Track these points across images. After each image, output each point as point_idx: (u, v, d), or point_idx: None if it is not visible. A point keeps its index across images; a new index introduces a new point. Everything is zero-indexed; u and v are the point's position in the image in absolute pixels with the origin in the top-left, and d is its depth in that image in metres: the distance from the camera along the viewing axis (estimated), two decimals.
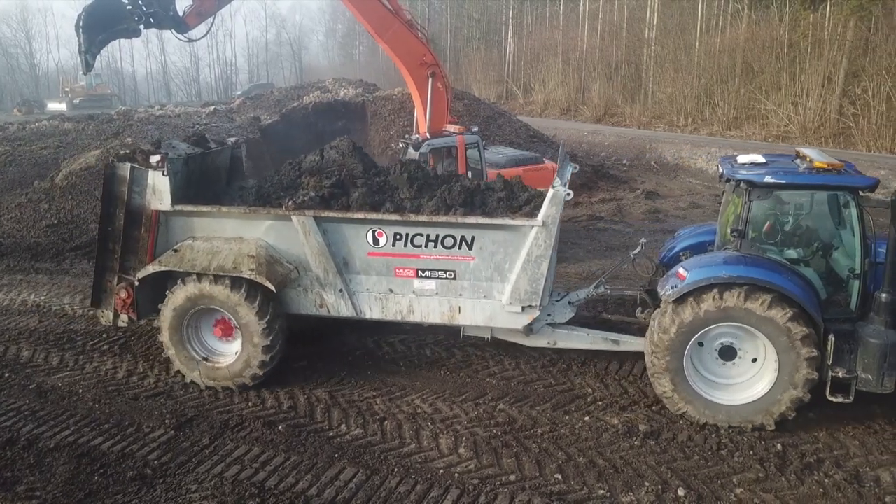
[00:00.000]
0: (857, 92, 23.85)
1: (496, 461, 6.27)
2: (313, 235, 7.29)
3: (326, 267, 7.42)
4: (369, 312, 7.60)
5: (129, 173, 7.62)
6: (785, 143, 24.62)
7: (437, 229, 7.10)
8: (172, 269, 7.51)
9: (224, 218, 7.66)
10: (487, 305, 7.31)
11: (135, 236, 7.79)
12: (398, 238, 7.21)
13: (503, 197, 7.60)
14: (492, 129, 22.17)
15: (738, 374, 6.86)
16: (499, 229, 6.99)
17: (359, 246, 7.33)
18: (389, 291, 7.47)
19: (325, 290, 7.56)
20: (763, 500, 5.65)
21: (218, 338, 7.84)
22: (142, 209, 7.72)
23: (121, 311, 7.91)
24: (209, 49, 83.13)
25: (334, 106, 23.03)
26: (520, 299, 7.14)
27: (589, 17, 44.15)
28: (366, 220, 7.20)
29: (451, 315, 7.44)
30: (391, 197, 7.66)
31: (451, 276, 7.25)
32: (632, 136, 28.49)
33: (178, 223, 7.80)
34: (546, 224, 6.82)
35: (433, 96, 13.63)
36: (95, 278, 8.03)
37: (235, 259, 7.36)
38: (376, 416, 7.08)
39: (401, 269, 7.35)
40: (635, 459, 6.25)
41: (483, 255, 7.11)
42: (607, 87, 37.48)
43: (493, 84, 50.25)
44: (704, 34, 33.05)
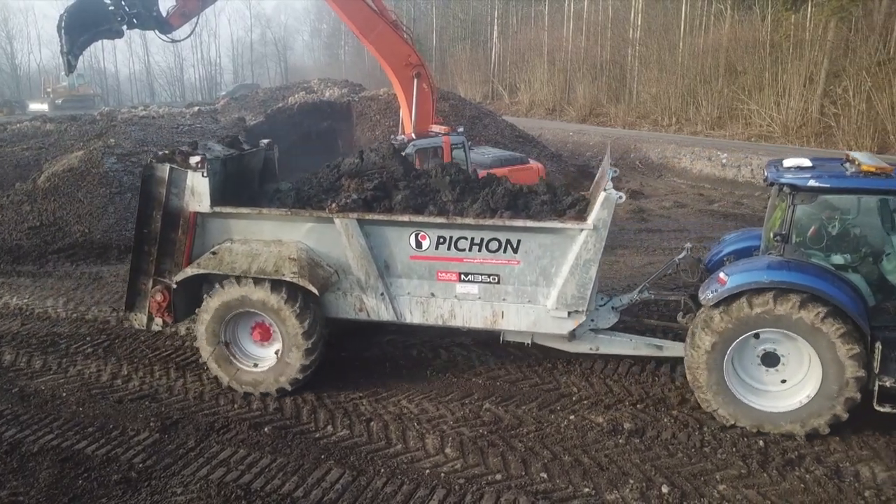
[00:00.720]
0: (837, 92, 24.13)
1: (482, 460, 6.30)
2: (356, 238, 7.18)
3: (368, 270, 7.31)
4: (410, 316, 7.49)
5: (167, 174, 7.48)
6: (767, 143, 24.89)
7: (482, 232, 6.99)
8: (211, 271, 7.38)
9: (262, 220, 7.53)
10: (532, 310, 7.17)
11: (171, 238, 7.64)
12: (441, 241, 7.10)
13: (547, 200, 7.46)
14: (477, 129, 22.22)
15: (780, 381, 6.70)
16: (546, 233, 6.87)
17: (401, 249, 7.23)
18: (431, 295, 7.35)
19: (366, 293, 7.44)
20: (745, 496, 5.72)
21: (256, 342, 7.70)
22: (179, 211, 7.57)
23: (156, 314, 7.77)
24: (193, 49, 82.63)
25: (320, 106, 22.99)
26: (566, 304, 7.00)
27: (574, 18, 44.33)
28: (410, 223, 7.09)
29: (493, 320, 7.31)
30: (433, 200, 7.54)
31: (495, 280, 7.13)
32: (616, 135, 28.65)
33: (214, 225, 7.68)
34: (597, 227, 6.68)
35: (418, 97, 13.67)
36: (130, 281, 7.88)
37: (276, 262, 7.23)
38: (363, 417, 7.09)
39: (443, 273, 7.23)
40: (620, 457, 6.30)
41: (529, 259, 6.98)
42: (592, 87, 37.66)
43: (479, 84, 50.34)
44: (688, 35, 33.30)
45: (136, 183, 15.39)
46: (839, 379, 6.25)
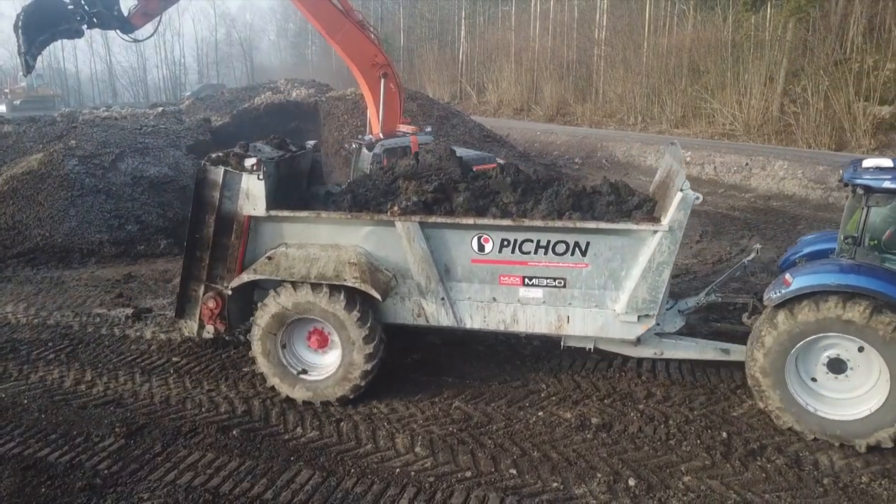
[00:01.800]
0: (797, 91, 24.67)
1: (452, 458, 6.33)
2: (417, 242, 6.99)
3: (429, 274, 7.11)
4: (470, 322, 7.29)
5: (221, 178, 7.27)
6: (730, 141, 25.36)
7: (548, 235, 6.75)
8: (269, 277, 7.19)
9: (318, 224, 7.32)
10: (599, 315, 6.97)
11: (224, 243, 7.43)
12: (505, 244, 6.89)
13: (612, 201, 7.30)
14: (445, 128, 22.27)
15: (846, 389, 6.45)
16: (617, 234, 6.63)
17: (462, 252, 7.03)
18: (493, 300, 7.15)
19: (426, 298, 7.26)
20: (709, 486, 5.85)
21: (313, 350, 7.50)
22: (233, 215, 7.36)
23: (207, 321, 7.60)
24: (157, 49, 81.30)
25: (286, 107, 22.82)
26: (636, 308, 6.78)
27: (540, 18, 44.63)
28: (475, 226, 6.88)
29: (558, 325, 7.11)
30: (494, 201, 7.34)
31: (561, 284, 6.91)
32: (583, 135, 28.94)
33: (268, 230, 7.47)
34: (672, 229, 6.44)
35: (386, 97, 13.67)
36: (181, 287, 7.67)
37: (336, 267, 7.05)
38: (332, 418, 7.08)
39: (506, 277, 7.02)
40: (588, 452, 6.39)
41: (597, 262, 6.76)
42: (559, 86, 37.96)
43: (447, 84, 50.40)
44: (652, 35, 33.77)
45: (99, 185, 15.15)
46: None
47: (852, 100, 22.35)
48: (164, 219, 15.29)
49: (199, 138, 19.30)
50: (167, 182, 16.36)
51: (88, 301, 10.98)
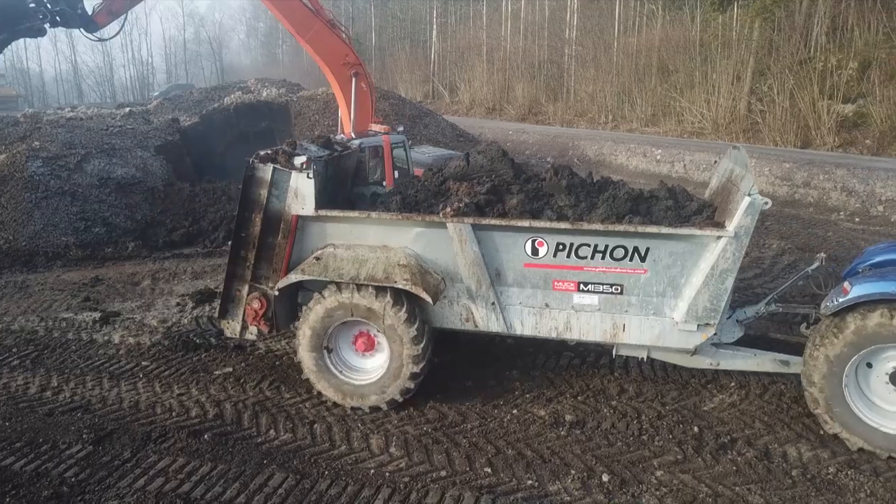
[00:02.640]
0: (763, 89, 25.14)
1: (427, 458, 6.32)
2: (469, 245, 6.78)
3: (480, 278, 6.90)
4: (520, 328, 7.08)
5: (270, 175, 7.09)
6: (699, 139, 25.73)
7: (606, 239, 6.52)
8: (317, 278, 6.99)
9: (367, 224, 7.14)
10: (656, 323, 6.74)
11: (270, 243, 7.25)
12: (561, 248, 6.65)
13: (671, 206, 7.06)
14: (418, 128, 22.26)
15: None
16: (679, 240, 6.41)
17: (515, 256, 6.80)
18: (545, 306, 6.92)
19: (476, 302, 7.05)
20: (681, 480, 5.92)
21: (359, 353, 7.34)
22: (280, 214, 7.18)
23: (251, 322, 7.41)
24: (123, 48, 79.96)
25: (257, 107, 22.59)
26: (696, 317, 6.53)
27: (511, 18, 44.83)
28: (530, 229, 6.65)
29: (613, 333, 6.88)
30: (548, 204, 7.11)
31: (618, 290, 6.68)
32: (555, 134, 29.13)
33: (315, 229, 7.29)
34: (738, 235, 6.20)
35: (357, 96, 13.61)
36: (224, 287, 7.48)
37: (386, 268, 6.87)
38: (306, 420, 7.01)
39: (560, 282, 6.79)
40: (562, 449, 6.43)
41: (657, 268, 6.53)
42: (531, 86, 38.17)
43: (419, 83, 50.37)
44: (622, 35, 34.14)
45: (64, 187, 14.84)
46: None
47: (817, 98, 22.83)
48: (131, 221, 15.04)
49: (168, 139, 19.01)
50: (135, 183, 16.09)
51: (54, 305, 10.75)
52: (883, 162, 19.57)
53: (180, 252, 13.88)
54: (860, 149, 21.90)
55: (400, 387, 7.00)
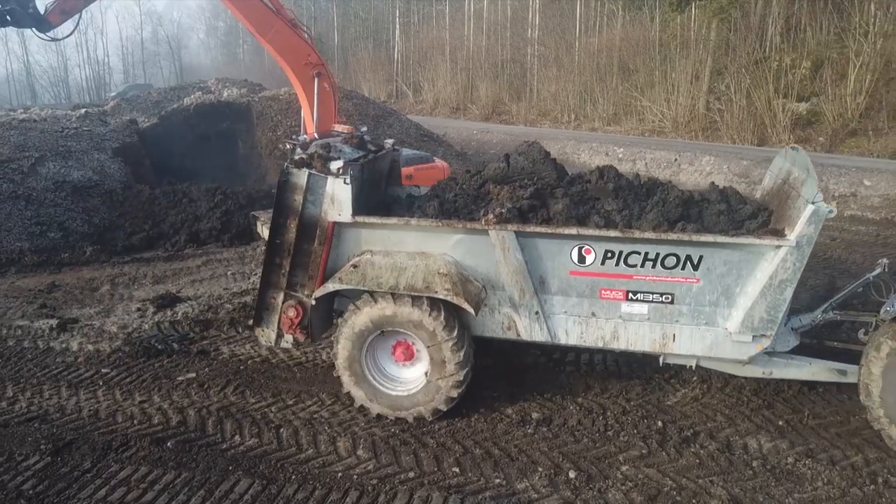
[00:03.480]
0: (721, 88, 25.67)
1: (395, 459, 6.31)
2: (512, 252, 6.51)
3: (523, 287, 6.64)
4: (565, 338, 6.83)
5: (305, 181, 6.84)
6: (659, 137, 26.14)
7: (658, 247, 6.27)
8: (355, 287, 6.75)
9: (405, 231, 6.89)
10: (708, 333, 6.50)
11: (306, 249, 7.02)
12: (609, 256, 6.40)
13: (723, 210, 6.79)
14: (381, 128, 22.18)
15: None
16: (734, 248, 6.16)
17: (560, 264, 6.54)
18: (591, 315, 6.69)
19: (519, 311, 6.78)
20: (646, 474, 6.01)
21: (399, 363, 7.12)
22: (316, 220, 6.94)
23: (287, 331, 7.18)
24: (78, 48, 77.90)
25: (218, 107, 22.24)
26: (752, 327, 6.32)
27: (474, 17, 44.96)
28: (577, 237, 6.39)
29: (663, 343, 6.64)
30: (594, 209, 6.81)
31: (668, 299, 6.45)
32: (519, 133, 29.30)
33: (351, 236, 7.05)
34: (800, 245, 5.93)
35: (320, 96, 13.51)
36: (259, 295, 7.26)
37: (425, 277, 6.62)
38: (272, 425, 6.94)
39: (607, 291, 6.55)
40: (529, 447, 6.47)
41: (710, 277, 6.29)
42: (494, 85, 38.34)
43: (383, 83, 50.20)
44: (583, 34, 34.51)
45: (18, 191, 14.44)
46: None
47: (772, 97, 23.41)
48: (89, 225, 14.69)
49: (126, 140, 18.62)
50: (92, 187, 15.73)
51: (9, 313, 10.44)
52: (835, 159, 20.14)
53: (140, 256, 13.60)
54: (814, 146, 22.52)
55: (444, 396, 6.76)
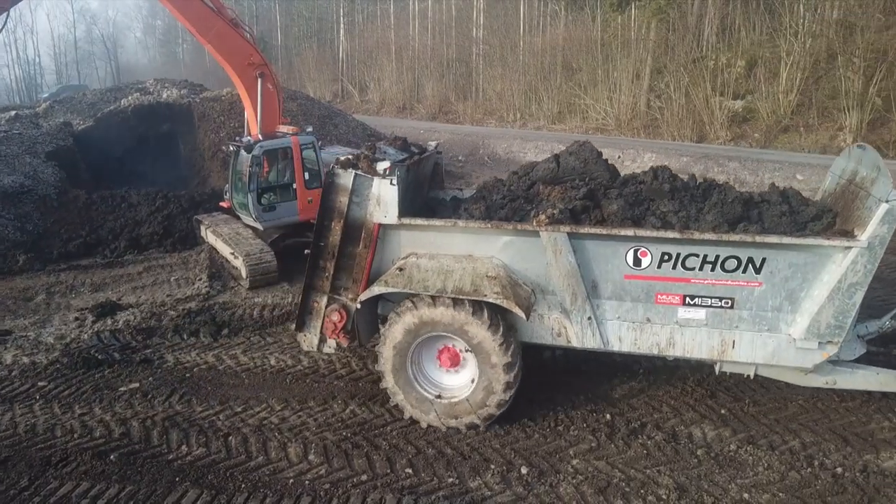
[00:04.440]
0: (661, 87, 26.30)
1: (347, 463, 6.26)
2: (565, 255, 6.32)
3: (575, 290, 6.45)
4: (618, 344, 6.62)
5: (351, 182, 6.64)
6: (603, 135, 26.61)
7: (718, 249, 6.05)
8: (401, 290, 6.55)
9: (451, 233, 6.69)
10: (770, 340, 6.28)
11: (350, 252, 6.82)
12: (666, 259, 6.19)
13: (785, 211, 6.55)
14: (327, 128, 21.96)
15: None
16: (801, 250, 5.93)
17: (615, 267, 6.35)
18: (646, 321, 6.48)
19: (570, 316, 6.59)
20: (596, 467, 6.12)
21: (445, 369, 6.87)
22: (361, 222, 6.75)
23: (330, 335, 6.97)
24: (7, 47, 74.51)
25: (157, 109, 21.61)
26: (818, 334, 6.07)
27: (419, 16, 44.90)
28: (634, 238, 6.18)
29: (721, 350, 6.41)
30: (650, 210, 6.63)
31: (728, 304, 6.23)
32: (466, 132, 29.41)
33: (395, 238, 6.86)
34: (871, 246, 5.71)
35: (263, 97, 13.27)
36: (302, 299, 7.04)
37: (473, 280, 6.40)
38: (220, 433, 6.80)
39: (664, 295, 6.34)
40: (481, 445, 6.51)
41: (773, 281, 6.07)
42: (440, 84, 38.35)
43: (328, 83, 49.63)
44: (527, 34, 34.86)
45: None
46: None
47: (709, 95, 24.11)
48: (22, 232, 14.09)
49: (60, 144, 17.93)
50: (24, 192, 15.09)
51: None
52: (770, 154, 20.90)
53: (77, 263, 13.11)
54: (750, 142, 23.29)
55: (496, 400, 6.59)
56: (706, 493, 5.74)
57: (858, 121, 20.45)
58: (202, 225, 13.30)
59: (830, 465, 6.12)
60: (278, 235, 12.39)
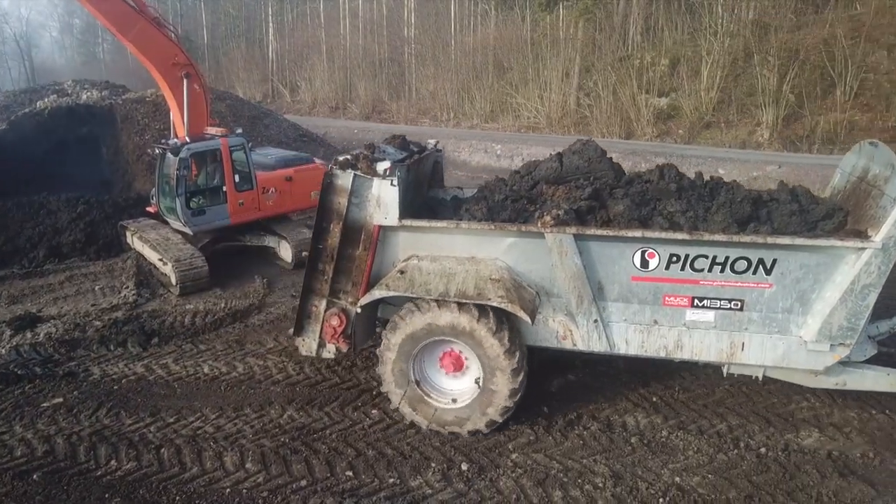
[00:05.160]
0: (590, 85, 26.89)
1: (286, 469, 6.17)
2: (570, 256, 6.20)
3: (581, 293, 6.34)
4: (625, 347, 6.54)
5: (350, 183, 6.40)
6: (535, 133, 27.04)
7: (727, 250, 5.97)
8: (403, 294, 6.36)
9: (452, 234, 6.51)
10: (780, 342, 6.22)
11: (349, 255, 6.58)
12: (674, 260, 6.09)
13: (795, 210, 6.41)
14: (258, 129, 21.51)
15: None
16: (812, 251, 5.85)
17: (622, 269, 6.25)
18: (653, 323, 6.40)
19: (576, 319, 6.48)
20: (535, 459, 6.23)
21: (448, 373, 6.73)
22: (361, 224, 6.51)
23: (329, 340, 6.72)
24: None
25: (76, 111, 20.65)
26: (830, 336, 6.02)
27: (350, 16, 44.54)
28: (642, 239, 6.07)
29: (730, 352, 6.35)
30: (657, 210, 6.48)
31: (738, 306, 6.16)
32: (400, 132, 29.27)
33: (397, 240, 6.64)
34: (886, 247, 5.64)
35: (190, 98, 12.88)
36: (301, 303, 6.73)
37: (477, 283, 6.26)
38: (151, 446, 6.58)
39: (672, 297, 6.26)
40: (421, 444, 6.53)
41: (784, 282, 5.99)
42: (373, 84, 38.12)
43: (258, 83, 48.62)
44: (459, 33, 35.06)
45: None
46: None
47: (636, 93, 24.81)
48: None
49: None
50: None
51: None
52: (693, 149, 21.66)
53: None
54: (674, 138, 24.08)
55: (500, 406, 6.48)
56: (640, 479, 5.92)
57: (774, 117, 21.42)
58: (128, 231, 12.83)
59: (755, 445, 6.41)
60: (209, 240, 12.08)
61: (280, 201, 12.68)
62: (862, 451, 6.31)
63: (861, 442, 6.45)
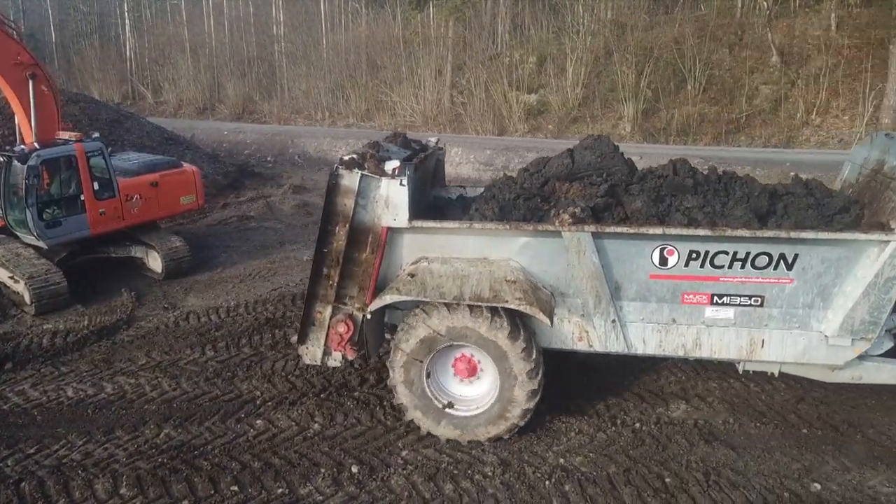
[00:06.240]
0: (462, 83, 27.41)
1: (165, 491, 5.84)
2: (588, 255, 5.95)
3: (599, 292, 6.09)
4: (643, 347, 6.33)
5: (356, 183, 5.98)
6: (412, 131, 27.17)
7: (748, 245, 5.81)
8: (415, 298, 6.03)
9: (463, 235, 6.20)
10: (801, 337, 6.10)
11: (356, 258, 6.08)
12: (694, 257, 5.92)
13: (811, 204, 6.26)
14: (118, 133, 20.18)
15: None
16: (834, 245, 5.74)
17: (640, 267, 6.03)
18: (671, 321, 6.20)
19: (593, 319, 6.24)
20: (425, 455, 6.28)
21: (461, 379, 6.46)
22: (368, 226, 6.05)
23: (335, 348, 6.16)
24: None
25: None
26: (851, 330, 5.93)
27: (214, 12, 42.77)
28: (662, 236, 5.86)
29: (750, 350, 6.22)
30: (673, 206, 6.28)
31: (758, 302, 6.03)
32: (273, 132, 28.57)
33: (405, 242, 6.32)
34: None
35: (37, 101, 11.88)
36: (305, 309, 6.11)
37: (492, 285, 5.96)
38: (9, 481, 6.01)
39: (690, 295, 6.09)
40: (310, 450, 6.40)
41: (805, 277, 5.87)
42: (242, 84, 36.83)
43: (116, 84, 45.57)
44: (330, 31, 34.60)
45: None
46: None
47: (507, 90, 25.56)
48: None
49: None
50: None
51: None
52: (563, 143, 22.55)
53: None
54: (545, 133, 25.04)
55: (520, 409, 6.23)
56: (527, 464, 6.11)
57: (634, 110, 22.79)
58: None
59: (630, 421, 6.79)
60: (67, 253, 11.20)
61: (146, 209, 11.97)
62: (723, 418, 6.84)
63: (722, 409, 7.00)
